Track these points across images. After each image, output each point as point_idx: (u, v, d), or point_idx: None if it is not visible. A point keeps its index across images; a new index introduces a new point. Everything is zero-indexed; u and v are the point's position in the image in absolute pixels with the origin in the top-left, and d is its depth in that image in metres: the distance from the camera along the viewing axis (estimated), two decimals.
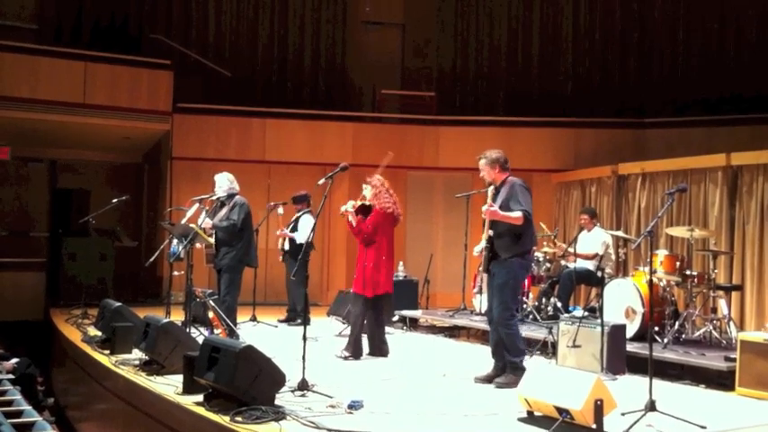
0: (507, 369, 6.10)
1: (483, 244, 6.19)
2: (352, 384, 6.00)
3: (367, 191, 7.42)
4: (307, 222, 9.64)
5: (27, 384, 6.96)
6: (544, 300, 9.19)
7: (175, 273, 7.91)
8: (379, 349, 7.46)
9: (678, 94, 13.24)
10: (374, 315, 7.43)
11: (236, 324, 7.89)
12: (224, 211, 8.03)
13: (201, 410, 4.97)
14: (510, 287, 6.08)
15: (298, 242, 9.56)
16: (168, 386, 5.64)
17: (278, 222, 10.15)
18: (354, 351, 7.28)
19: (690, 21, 13.71)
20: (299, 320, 9.35)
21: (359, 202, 7.39)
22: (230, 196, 8.10)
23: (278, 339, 8.36)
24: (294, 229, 9.81)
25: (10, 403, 5.35)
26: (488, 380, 6.20)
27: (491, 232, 6.04)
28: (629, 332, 7.25)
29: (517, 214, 5.90)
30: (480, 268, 6.28)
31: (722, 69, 12.97)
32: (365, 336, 7.49)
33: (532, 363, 7.07)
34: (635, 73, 14.16)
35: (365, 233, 7.28)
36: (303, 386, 5.49)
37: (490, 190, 6.11)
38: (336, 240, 12.79)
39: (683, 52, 13.80)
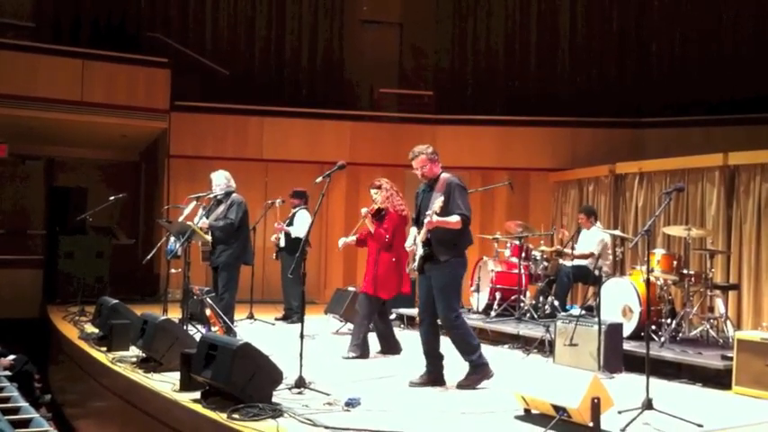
0: (468, 369, 5.96)
1: (411, 242, 6.08)
2: (349, 382, 6.00)
3: (377, 195, 7.28)
4: (304, 218, 9.65)
5: (24, 381, 6.94)
6: (541, 298, 9.19)
7: (173, 270, 7.91)
8: (394, 347, 7.49)
9: (676, 95, 13.24)
10: (381, 316, 7.44)
11: (233, 322, 7.90)
12: (221, 209, 8.02)
13: (198, 408, 4.97)
14: (452, 288, 5.97)
15: (293, 236, 9.56)
16: (165, 383, 5.65)
17: (276, 215, 10.11)
18: (362, 352, 7.25)
19: (687, 21, 13.72)
20: (295, 318, 9.36)
21: (375, 206, 7.24)
22: (227, 194, 8.08)
23: (275, 337, 8.36)
24: (290, 224, 9.80)
25: (7, 400, 5.34)
26: (423, 384, 5.97)
27: (429, 235, 5.87)
28: (627, 331, 7.27)
29: (455, 219, 5.77)
30: (414, 266, 6.20)
31: (720, 70, 12.96)
32: (373, 335, 7.49)
33: (529, 361, 7.13)
34: (633, 73, 14.17)
35: (383, 239, 7.15)
36: (300, 384, 5.48)
37: (438, 202, 5.70)
38: (334, 238, 12.68)
39: (681, 52, 13.81)
